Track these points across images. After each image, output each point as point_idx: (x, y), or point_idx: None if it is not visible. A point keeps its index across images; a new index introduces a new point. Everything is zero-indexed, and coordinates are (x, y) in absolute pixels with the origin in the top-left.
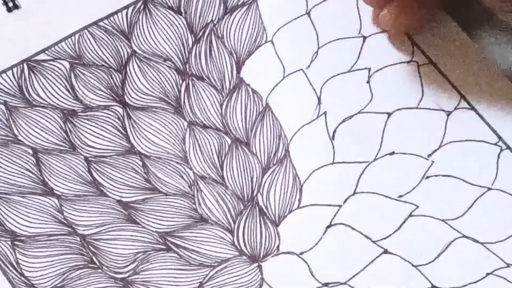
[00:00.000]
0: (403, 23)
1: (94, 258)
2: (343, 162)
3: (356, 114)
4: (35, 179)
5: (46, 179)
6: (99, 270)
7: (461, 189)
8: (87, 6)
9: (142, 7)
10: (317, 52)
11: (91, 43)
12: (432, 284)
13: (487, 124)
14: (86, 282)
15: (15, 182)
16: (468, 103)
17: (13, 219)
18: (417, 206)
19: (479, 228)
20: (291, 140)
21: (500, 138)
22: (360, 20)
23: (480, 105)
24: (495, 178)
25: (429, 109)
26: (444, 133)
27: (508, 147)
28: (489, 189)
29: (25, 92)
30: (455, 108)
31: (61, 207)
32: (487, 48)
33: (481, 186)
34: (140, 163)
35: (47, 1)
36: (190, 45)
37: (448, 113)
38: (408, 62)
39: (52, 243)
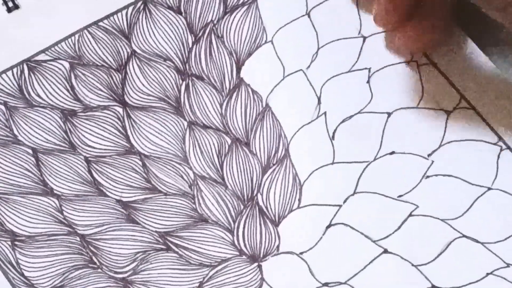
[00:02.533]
0: (419, 44)
1: (94, 258)
2: (343, 162)
3: (356, 114)
4: (35, 179)
5: (46, 179)
6: (99, 270)
7: (461, 189)
8: (87, 6)
9: (142, 7)
10: (317, 52)
11: (91, 43)
12: (432, 284)
13: (487, 123)
14: (86, 282)
15: (15, 182)
16: (468, 102)
17: (13, 219)
18: (417, 206)
19: (479, 228)
20: (291, 140)
21: (500, 138)
22: (360, 20)
23: (480, 104)
24: (495, 178)
25: (429, 108)
26: (444, 132)
27: (508, 147)
28: (489, 188)
29: (25, 93)
30: (455, 108)
31: (61, 207)
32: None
33: (481, 186)
34: (140, 163)
35: (47, 1)
36: (190, 45)
37: (448, 113)
38: (408, 62)
39: (52, 243)
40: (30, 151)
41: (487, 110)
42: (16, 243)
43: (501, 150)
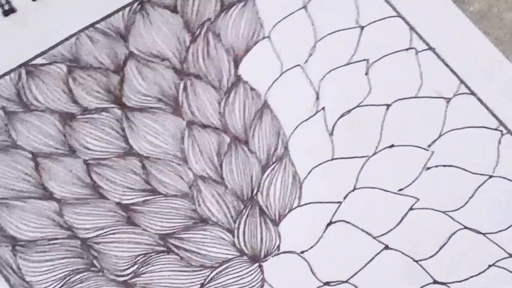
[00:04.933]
0: None
1: (95, 262)
2: (342, 158)
3: (354, 107)
4: (34, 183)
5: (45, 183)
6: (100, 274)
7: (462, 179)
8: (83, 8)
9: (138, 7)
10: (314, 46)
11: (88, 46)
12: (434, 279)
13: (487, 108)
14: (87, 285)
15: (15, 187)
16: (468, 88)
17: (14, 224)
18: (418, 199)
19: (480, 218)
20: (290, 137)
21: (500, 122)
22: (358, 9)
23: (480, 89)
24: (496, 164)
25: (428, 97)
26: (444, 121)
27: (509, 131)
28: (490, 176)
29: (23, 97)
30: (455, 95)
31: (61, 211)
32: None
33: (482, 174)
34: (140, 164)
35: (43, 3)
36: (188, 44)
37: (448, 100)
38: (406, 49)
39: (52, 247)
40: (29, 155)
41: (488, 94)
42: (17, 248)
43: (502, 135)
